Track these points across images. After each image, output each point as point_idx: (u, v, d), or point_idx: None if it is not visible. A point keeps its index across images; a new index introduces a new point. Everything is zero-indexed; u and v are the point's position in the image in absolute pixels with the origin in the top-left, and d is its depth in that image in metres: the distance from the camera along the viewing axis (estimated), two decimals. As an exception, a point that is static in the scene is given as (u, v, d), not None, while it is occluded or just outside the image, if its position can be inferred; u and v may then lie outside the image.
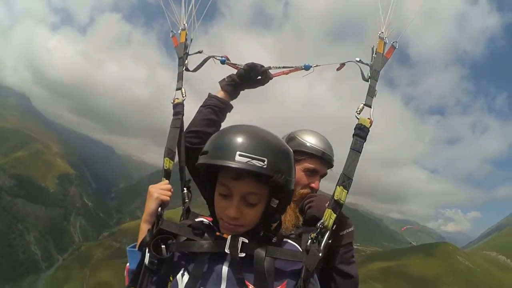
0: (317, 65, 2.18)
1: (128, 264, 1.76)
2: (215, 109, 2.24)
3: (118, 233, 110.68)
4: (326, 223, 1.63)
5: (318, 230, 1.62)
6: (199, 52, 2.37)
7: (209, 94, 2.32)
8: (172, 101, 2.18)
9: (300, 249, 1.59)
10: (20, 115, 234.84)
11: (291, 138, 2.32)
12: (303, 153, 2.24)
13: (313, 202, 2.04)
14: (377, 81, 1.95)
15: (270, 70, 2.26)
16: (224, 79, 2.31)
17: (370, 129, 1.82)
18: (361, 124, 1.81)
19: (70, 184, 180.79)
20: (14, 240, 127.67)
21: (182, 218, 1.97)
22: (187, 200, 1.97)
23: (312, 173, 2.25)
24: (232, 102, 2.37)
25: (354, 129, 1.82)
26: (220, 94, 2.30)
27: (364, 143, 1.80)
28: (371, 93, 1.92)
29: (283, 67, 2.24)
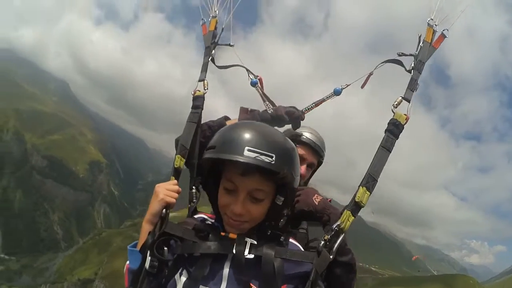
0: (347, 85, 2.03)
1: (128, 262, 1.69)
2: None
3: (140, 225, 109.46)
4: (342, 225, 1.54)
5: (333, 232, 1.54)
6: (230, 45, 2.25)
7: (223, 119, 2.17)
8: (192, 92, 2.05)
9: (302, 249, 1.58)
10: (58, 100, 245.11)
11: (289, 132, 2.26)
12: (296, 140, 2.26)
13: (300, 196, 1.98)
14: (420, 74, 1.80)
15: (304, 111, 2.09)
16: (246, 110, 2.11)
17: (405, 127, 1.66)
18: (396, 119, 1.66)
19: (100, 171, 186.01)
20: (38, 217, 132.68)
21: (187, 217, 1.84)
22: (194, 200, 1.85)
23: (300, 159, 2.18)
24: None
25: (388, 124, 1.67)
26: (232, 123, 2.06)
27: (396, 142, 1.64)
28: (412, 86, 1.76)
29: (314, 104, 2.10)
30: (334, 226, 1.54)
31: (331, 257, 1.48)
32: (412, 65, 1.82)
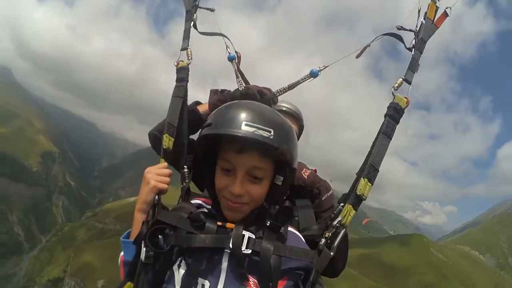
0: (325, 67, 1.94)
1: (122, 254, 1.61)
2: (190, 124, 1.88)
3: (101, 214, 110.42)
4: (343, 221, 1.44)
5: (335, 229, 1.44)
6: (211, 9, 2.11)
7: (194, 105, 2.02)
8: (175, 63, 1.86)
9: (303, 240, 1.53)
10: (1, 89, 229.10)
11: None
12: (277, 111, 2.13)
13: None
14: (421, 53, 1.67)
15: (277, 94, 1.94)
16: (216, 91, 1.94)
17: (405, 111, 1.56)
18: (396, 103, 1.55)
19: (53, 162, 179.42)
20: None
21: (180, 200, 1.70)
22: (187, 180, 1.69)
23: None
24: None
25: (388, 108, 1.56)
26: (204, 108, 1.96)
27: (397, 127, 1.54)
28: (413, 67, 1.64)
29: (287, 87, 1.96)
30: (335, 222, 1.44)
31: (332, 253, 1.39)
32: (413, 43, 1.69)
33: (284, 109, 2.54)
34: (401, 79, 1.60)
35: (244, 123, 1.30)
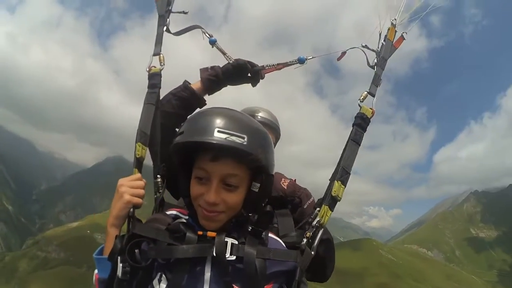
0: (312, 57, 2.03)
1: (96, 271, 1.52)
2: (185, 103, 1.88)
3: (43, 242, 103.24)
4: (322, 221, 1.49)
5: (314, 229, 1.47)
6: (184, 12, 2.07)
7: (185, 82, 1.94)
8: (147, 69, 1.81)
9: (283, 244, 1.52)
10: None
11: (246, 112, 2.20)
12: None
13: None
14: (383, 70, 1.83)
15: (264, 66, 2.01)
16: (207, 69, 1.96)
17: (371, 120, 1.70)
18: (362, 113, 1.67)
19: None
20: None
21: (154, 211, 1.67)
22: (160, 190, 1.65)
23: None
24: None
25: (355, 117, 1.68)
26: (197, 86, 1.93)
27: (364, 135, 1.68)
28: (376, 81, 1.79)
29: (277, 64, 2.03)
30: (314, 222, 1.48)
31: (312, 253, 1.43)
32: (375, 61, 1.84)
33: (259, 118, 2.42)
34: (366, 92, 1.74)
35: (217, 130, 1.28)
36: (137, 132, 1.65)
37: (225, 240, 1.35)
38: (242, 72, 1.95)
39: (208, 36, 2.06)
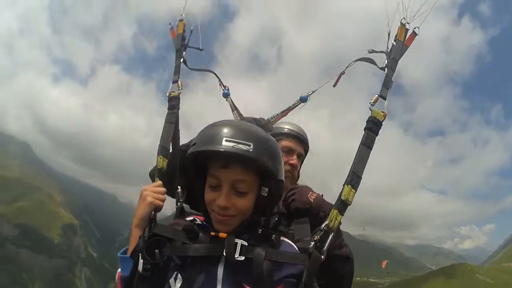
0: (312, 92, 2.10)
1: (119, 270, 1.69)
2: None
3: None
4: (331, 225, 1.50)
5: (322, 232, 1.50)
6: (200, 49, 2.29)
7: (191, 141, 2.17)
8: (167, 94, 2.07)
9: (297, 248, 1.58)
10: (21, 164, 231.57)
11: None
12: (279, 134, 2.34)
13: (295, 195, 2.00)
14: (394, 71, 1.79)
15: (268, 118, 2.04)
16: None
17: (383, 124, 1.67)
18: (374, 117, 1.66)
19: (74, 234, 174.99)
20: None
21: (175, 218, 1.88)
22: (181, 200, 1.88)
23: (289, 152, 2.34)
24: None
25: (366, 122, 1.68)
26: None
27: (376, 139, 1.65)
28: (387, 84, 1.76)
29: (281, 113, 2.17)
30: (323, 226, 1.52)
31: (322, 257, 1.44)
32: (386, 62, 1.81)
33: (285, 131, 2.44)
34: (377, 95, 1.72)
35: (225, 139, 1.40)
36: (159, 146, 1.91)
37: (235, 241, 1.44)
38: None
39: (223, 87, 2.25)
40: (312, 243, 1.48)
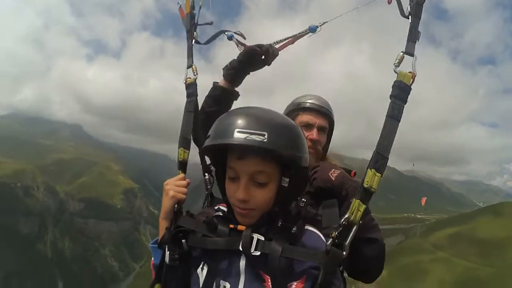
0: (324, 22, 1.94)
1: (153, 259, 1.78)
2: (218, 100, 2.14)
3: None
4: (352, 218, 1.32)
5: (342, 228, 1.34)
6: (209, 23, 2.14)
7: (214, 83, 2.22)
8: (184, 81, 1.96)
9: (322, 237, 1.48)
10: (76, 145, 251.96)
11: (289, 105, 2.34)
12: (296, 110, 2.28)
13: (316, 173, 1.94)
14: (419, 19, 1.48)
15: (275, 45, 2.07)
16: (226, 65, 2.16)
17: (412, 86, 1.39)
18: (400, 81, 1.40)
19: (135, 197, 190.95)
20: (91, 257, 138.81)
21: (204, 204, 1.91)
22: (209, 186, 1.87)
23: (308, 126, 2.22)
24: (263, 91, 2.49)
25: (392, 87, 1.40)
26: (223, 83, 2.17)
27: (405, 107, 1.38)
28: (413, 36, 1.46)
29: (286, 38, 2.04)
30: (342, 220, 1.34)
31: (344, 253, 1.32)
32: (409, 9, 1.49)
33: (308, 105, 2.28)
34: (402, 53, 1.44)
35: (237, 131, 1.31)
36: (179, 138, 1.79)
37: (252, 235, 1.38)
38: (253, 57, 2.05)
39: (227, 34, 2.16)
40: (330, 240, 1.34)
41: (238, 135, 1.29)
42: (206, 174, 1.85)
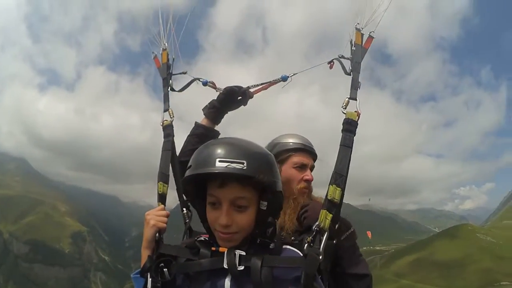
0: (294, 74, 2.19)
1: None
2: (201, 138, 2.23)
3: None
4: (322, 225, 1.57)
5: (314, 233, 1.57)
6: (183, 73, 2.39)
7: (195, 123, 2.37)
8: (161, 123, 2.17)
9: (301, 254, 1.57)
10: (22, 180, 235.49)
11: (274, 144, 2.41)
12: (288, 150, 2.34)
13: (307, 212, 2.04)
14: (359, 73, 1.88)
15: (251, 89, 2.28)
16: (206, 105, 2.34)
17: (358, 122, 1.74)
18: (348, 118, 1.73)
19: (84, 241, 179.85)
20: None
21: (184, 238, 1.97)
22: (187, 220, 1.94)
23: (302, 167, 2.32)
24: (226, 127, 2.41)
25: (342, 124, 1.74)
26: (204, 121, 2.33)
27: (354, 138, 1.72)
28: (355, 85, 1.85)
29: (261, 84, 2.26)
30: (314, 226, 1.58)
31: (320, 257, 1.48)
32: (350, 67, 1.89)
33: (292, 145, 2.37)
34: (347, 98, 1.80)
35: (218, 160, 1.42)
36: (158, 174, 2.00)
37: (235, 252, 1.47)
38: (232, 97, 2.27)
39: (202, 81, 2.35)
40: (306, 244, 1.54)
41: (220, 164, 1.41)
42: (184, 209, 1.94)
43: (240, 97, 2.28)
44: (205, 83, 2.34)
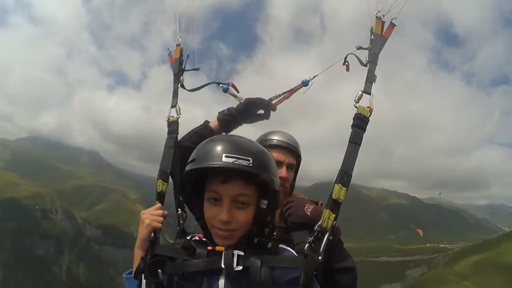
0: (314, 76, 2.10)
1: None
2: (203, 139, 2.02)
3: None
4: (324, 225, 1.55)
5: (316, 233, 1.54)
6: (196, 69, 2.32)
7: (205, 121, 2.27)
8: (166, 119, 2.13)
9: (296, 254, 1.56)
10: (94, 171, 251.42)
11: (261, 140, 2.38)
12: (268, 146, 2.27)
13: (291, 209, 1.96)
14: (376, 65, 1.79)
15: (274, 100, 2.18)
16: (223, 110, 2.23)
17: (370, 118, 1.67)
18: (360, 113, 1.67)
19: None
20: (106, 284, 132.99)
21: (176, 239, 1.93)
22: (181, 221, 1.92)
23: (277, 164, 2.19)
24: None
25: (353, 119, 1.67)
26: (215, 124, 2.23)
27: (364, 134, 1.65)
28: (370, 78, 1.76)
29: (283, 93, 2.17)
30: (316, 227, 1.55)
31: (319, 258, 1.47)
32: (367, 58, 1.81)
33: (274, 142, 2.39)
34: (361, 92, 1.72)
35: (224, 155, 1.41)
36: (159, 171, 1.98)
37: (232, 252, 1.46)
38: (253, 109, 2.17)
39: (222, 85, 2.29)
40: (307, 244, 1.51)
41: (227, 159, 1.40)
42: (179, 209, 1.92)
43: (262, 110, 2.19)
44: (225, 90, 2.27)
